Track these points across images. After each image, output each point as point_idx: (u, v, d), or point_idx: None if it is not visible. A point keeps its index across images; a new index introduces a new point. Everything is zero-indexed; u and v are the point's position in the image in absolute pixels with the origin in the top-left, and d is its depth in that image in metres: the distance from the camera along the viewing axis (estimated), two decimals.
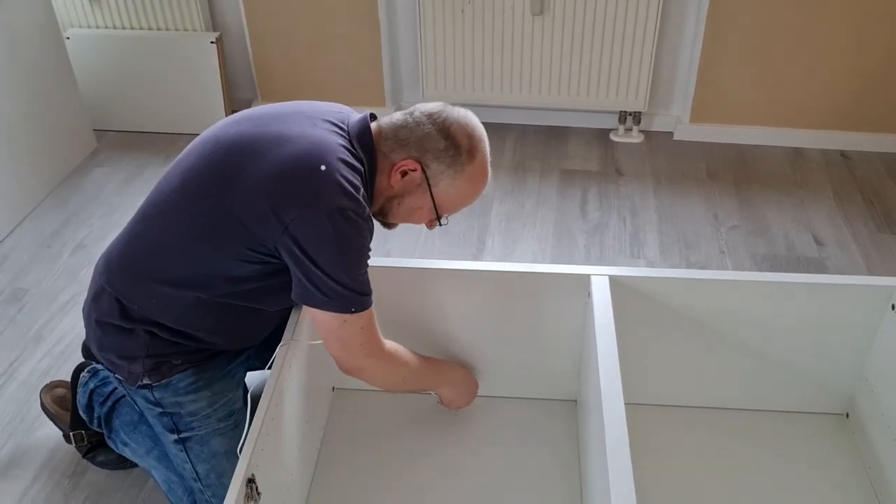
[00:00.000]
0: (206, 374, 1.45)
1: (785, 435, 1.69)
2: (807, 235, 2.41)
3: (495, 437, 1.69)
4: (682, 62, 2.82)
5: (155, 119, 2.98)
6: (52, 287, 2.23)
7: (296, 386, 1.43)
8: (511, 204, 2.57)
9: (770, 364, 1.65)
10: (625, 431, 1.22)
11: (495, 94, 2.87)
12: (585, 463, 1.52)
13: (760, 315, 1.58)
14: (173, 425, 1.45)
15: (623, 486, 1.14)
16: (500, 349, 1.68)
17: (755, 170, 2.74)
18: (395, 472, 1.62)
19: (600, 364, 1.33)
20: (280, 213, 1.22)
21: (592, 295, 1.49)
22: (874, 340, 1.59)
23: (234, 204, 1.26)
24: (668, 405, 1.75)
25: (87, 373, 1.67)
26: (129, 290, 1.37)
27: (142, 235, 1.37)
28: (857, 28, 2.60)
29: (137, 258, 1.37)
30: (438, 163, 1.35)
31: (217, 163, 1.31)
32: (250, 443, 1.21)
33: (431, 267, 1.58)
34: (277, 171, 1.25)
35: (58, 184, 2.69)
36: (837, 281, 1.54)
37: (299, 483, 1.50)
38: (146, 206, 1.39)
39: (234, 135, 1.33)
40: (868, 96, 2.73)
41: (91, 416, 1.63)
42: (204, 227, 1.29)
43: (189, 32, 2.87)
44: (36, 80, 2.56)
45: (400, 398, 1.77)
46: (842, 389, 1.69)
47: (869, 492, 1.56)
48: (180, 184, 1.34)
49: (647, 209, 2.54)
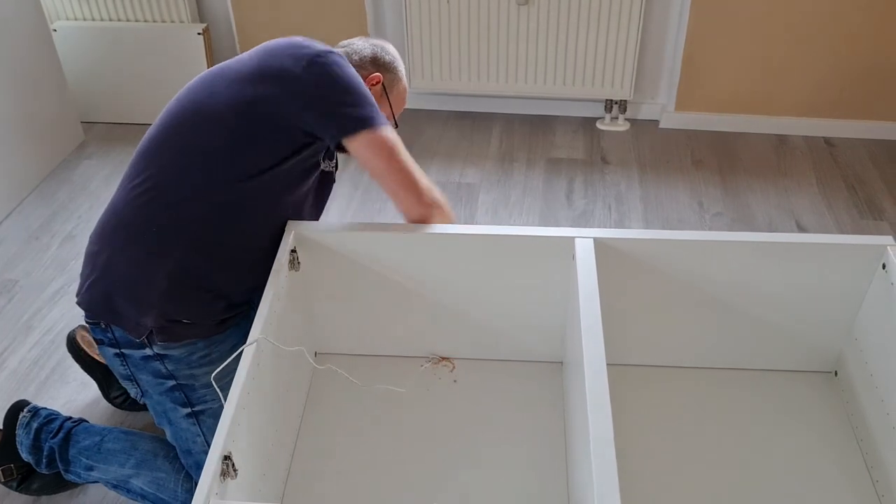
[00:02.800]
0: (217, 347, 1.49)
1: (772, 394, 1.69)
2: (790, 222, 2.43)
3: (481, 399, 1.69)
4: (667, 51, 2.84)
5: (142, 111, 2.98)
6: (41, 278, 2.24)
7: (275, 355, 1.43)
8: (497, 193, 2.59)
9: (758, 324, 1.66)
10: (606, 390, 1.22)
11: (482, 83, 2.89)
12: (570, 424, 1.53)
13: (748, 275, 1.58)
14: (186, 399, 1.47)
15: (603, 445, 1.15)
16: (486, 312, 1.69)
17: (740, 157, 2.76)
18: (379, 437, 1.62)
19: (583, 325, 1.34)
20: (290, 75, 1.39)
21: (576, 257, 1.50)
22: (864, 300, 1.59)
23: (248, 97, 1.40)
24: (654, 366, 1.75)
25: (28, 412, 1.63)
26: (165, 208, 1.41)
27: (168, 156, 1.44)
28: (841, 16, 2.63)
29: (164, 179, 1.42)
30: (388, 73, 1.64)
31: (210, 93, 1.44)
32: (226, 418, 1.20)
33: (417, 231, 1.57)
34: (269, 55, 1.44)
35: (46, 176, 2.70)
36: (827, 240, 1.53)
37: (280, 453, 1.50)
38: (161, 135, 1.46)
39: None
40: (851, 83, 2.76)
41: (39, 456, 1.59)
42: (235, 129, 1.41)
43: (176, 24, 2.87)
44: (23, 72, 2.56)
45: (383, 362, 1.79)
46: (831, 348, 1.69)
47: (855, 450, 1.58)
48: (192, 113, 1.44)
49: (633, 197, 2.56)
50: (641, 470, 1.55)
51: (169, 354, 1.45)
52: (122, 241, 1.42)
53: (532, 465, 1.56)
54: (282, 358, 1.50)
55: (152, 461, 1.54)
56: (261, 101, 1.39)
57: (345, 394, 1.72)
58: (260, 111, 1.39)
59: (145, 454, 1.56)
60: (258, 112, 1.39)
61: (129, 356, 1.48)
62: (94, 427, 1.61)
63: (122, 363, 1.50)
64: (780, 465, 1.56)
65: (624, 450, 1.58)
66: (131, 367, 1.49)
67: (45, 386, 1.90)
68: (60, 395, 1.88)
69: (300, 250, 1.58)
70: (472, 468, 1.56)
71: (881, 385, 1.52)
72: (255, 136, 1.39)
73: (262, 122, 1.39)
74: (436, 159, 2.77)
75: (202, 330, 1.46)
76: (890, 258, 1.51)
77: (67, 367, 1.93)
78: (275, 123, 1.39)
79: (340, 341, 1.78)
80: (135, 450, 1.56)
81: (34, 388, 1.89)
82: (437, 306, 1.68)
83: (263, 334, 1.37)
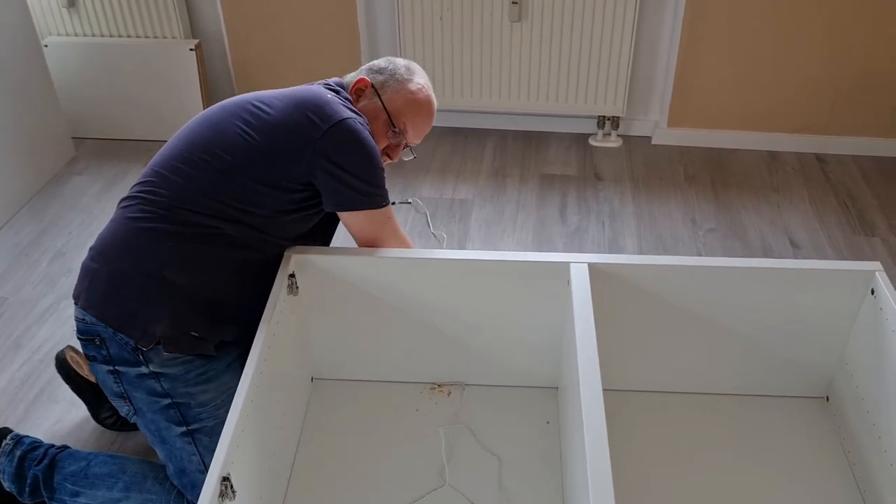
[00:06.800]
0: (213, 366, 1.50)
1: (765, 419, 1.70)
2: (783, 238, 2.44)
3: (476, 425, 1.69)
4: (660, 67, 2.85)
5: (134, 127, 2.97)
6: (30, 295, 2.22)
7: (273, 379, 1.44)
8: (491, 209, 2.59)
9: (750, 349, 1.66)
10: (602, 416, 1.23)
11: (475, 99, 2.89)
12: (566, 450, 1.52)
13: (740, 301, 1.59)
14: (181, 417, 1.46)
15: (600, 470, 1.15)
16: (482, 337, 1.69)
17: (732, 173, 2.77)
18: (375, 463, 1.61)
19: (579, 351, 1.34)
20: (307, 138, 1.46)
21: (572, 282, 1.50)
22: (854, 325, 1.60)
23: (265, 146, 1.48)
24: (648, 391, 1.76)
25: (10, 440, 1.60)
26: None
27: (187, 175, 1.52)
28: (832, 33, 2.64)
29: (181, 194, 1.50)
30: (381, 75, 1.67)
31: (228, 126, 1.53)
32: (225, 440, 1.20)
33: (413, 256, 1.58)
34: (293, 108, 1.51)
35: (36, 192, 2.68)
36: (818, 266, 1.55)
37: (277, 476, 1.50)
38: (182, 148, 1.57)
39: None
40: (842, 100, 2.77)
41: (22, 485, 1.55)
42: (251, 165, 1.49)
43: (168, 40, 2.86)
44: (13, 87, 2.55)
45: (379, 387, 1.77)
46: (822, 373, 1.70)
47: (848, 474, 1.58)
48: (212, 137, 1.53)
49: (626, 213, 2.56)
50: (637, 494, 1.54)
51: (165, 373, 1.45)
52: (134, 253, 1.46)
53: (528, 491, 1.56)
54: (280, 381, 1.49)
55: (142, 483, 1.52)
56: (284, 145, 1.48)
57: (342, 418, 1.72)
58: (280, 153, 1.48)
59: (134, 476, 1.53)
60: (279, 152, 1.48)
61: (124, 373, 1.47)
62: (79, 453, 1.59)
63: (115, 380, 1.48)
64: (772, 488, 1.56)
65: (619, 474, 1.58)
66: (125, 385, 1.48)
67: (34, 405, 1.88)
68: (50, 414, 1.85)
69: (299, 275, 1.57)
70: (468, 494, 1.55)
71: (872, 409, 1.52)
72: (276, 166, 1.48)
73: (282, 160, 1.48)
74: (429, 175, 2.76)
75: (206, 346, 1.48)
76: (878, 283, 1.51)
77: (57, 387, 1.91)
78: (292, 163, 1.48)
79: (337, 366, 1.78)
80: (123, 473, 1.54)
81: (23, 408, 1.87)
82: (434, 331, 1.68)
83: (261, 358, 1.36)
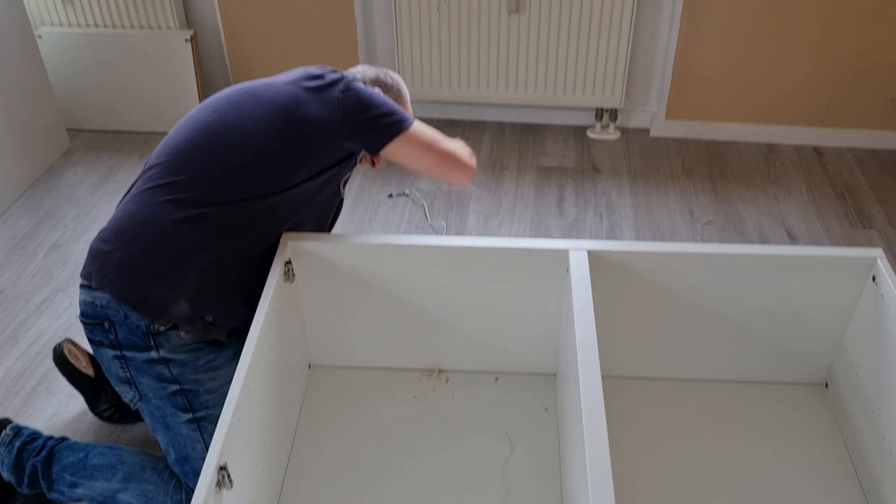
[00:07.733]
0: (222, 354, 1.50)
1: (764, 405, 1.70)
2: (780, 230, 2.44)
3: (475, 411, 1.69)
4: (658, 60, 2.84)
5: (129, 118, 2.95)
6: (26, 287, 2.21)
7: (269, 366, 1.43)
8: (488, 201, 2.58)
9: (749, 335, 1.66)
10: (601, 403, 1.22)
11: (472, 91, 2.88)
12: (564, 436, 1.52)
13: (740, 288, 1.59)
14: (188, 404, 1.46)
15: (598, 456, 1.14)
16: (481, 324, 1.68)
17: (730, 166, 2.77)
18: (373, 450, 1.61)
19: (577, 337, 1.34)
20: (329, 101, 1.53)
21: (571, 269, 1.50)
22: (854, 312, 1.60)
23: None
24: (647, 378, 1.76)
25: (10, 430, 1.59)
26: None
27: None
28: (829, 26, 2.64)
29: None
30: (389, 92, 1.74)
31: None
32: (221, 429, 1.19)
33: (412, 243, 1.57)
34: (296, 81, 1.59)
35: (31, 184, 2.66)
36: (818, 253, 1.54)
37: (275, 464, 1.49)
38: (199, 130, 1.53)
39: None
40: (840, 93, 2.77)
41: (21, 476, 1.55)
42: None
43: (163, 31, 2.85)
44: (7, 79, 2.53)
45: (377, 374, 1.77)
46: (821, 360, 1.70)
47: (846, 461, 1.58)
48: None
49: (624, 205, 2.55)
50: (635, 480, 1.55)
51: (175, 358, 1.45)
52: (154, 235, 1.45)
53: (526, 477, 1.56)
54: (276, 369, 1.48)
55: (140, 474, 1.52)
56: (306, 121, 1.52)
57: (339, 405, 1.71)
58: (304, 129, 1.51)
59: (132, 467, 1.53)
60: (302, 131, 1.51)
61: (131, 359, 1.46)
62: (77, 444, 1.58)
63: (121, 366, 1.48)
64: (771, 475, 1.56)
65: (617, 460, 1.58)
66: (132, 371, 1.47)
67: (31, 397, 1.87)
68: (47, 406, 1.84)
69: (295, 262, 1.57)
70: (466, 481, 1.55)
71: (871, 396, 1.53)
72: (298, 148, 1.51)
73: (306, 138, 1.51)
74: None
75: (219, 332, 1.49)
76: (879, 270, 1.51)
77: (54, 379, 1.90)
78: (318, 138, 1.52)
79: (334, 353, 1.77)
80: (121, 463, 1.53)
81: (20, 400, 1.86)
82: (432, 318, 1.68)
83: (258, 346, 1.36)
